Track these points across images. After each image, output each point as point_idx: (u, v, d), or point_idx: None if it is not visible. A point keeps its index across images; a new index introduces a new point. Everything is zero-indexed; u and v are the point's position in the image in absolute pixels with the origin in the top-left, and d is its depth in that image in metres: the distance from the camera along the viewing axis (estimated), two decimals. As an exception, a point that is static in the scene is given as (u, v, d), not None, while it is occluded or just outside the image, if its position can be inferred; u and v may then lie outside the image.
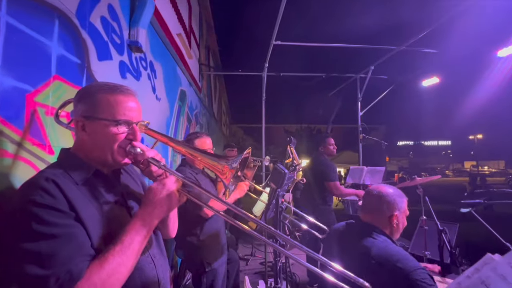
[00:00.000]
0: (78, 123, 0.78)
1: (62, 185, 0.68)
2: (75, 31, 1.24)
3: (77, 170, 0.75)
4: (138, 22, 1.85)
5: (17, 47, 0.91)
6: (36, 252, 0.59)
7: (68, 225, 0.64)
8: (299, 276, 3.31)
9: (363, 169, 3.74)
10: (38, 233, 0.60)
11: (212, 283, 1.78)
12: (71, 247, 0.62)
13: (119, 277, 0.64)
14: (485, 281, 0.51)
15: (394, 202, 1.23)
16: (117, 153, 0.78)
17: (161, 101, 2.65)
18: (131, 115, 0.79)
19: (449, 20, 3.12)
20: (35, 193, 0.64)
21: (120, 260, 0.64)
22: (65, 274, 0.59)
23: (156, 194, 0.73)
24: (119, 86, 0.81)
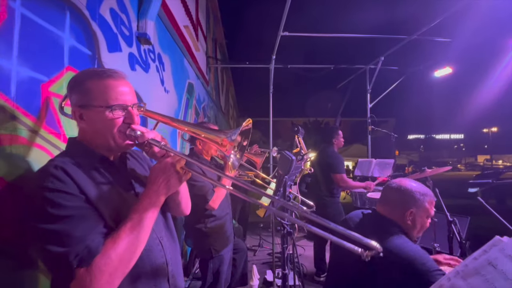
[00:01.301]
0: (75, 113, 0.80)
1: (71, 171, 0.71)
2: (85, 22, 1.27)
3: (83, 157, 0.78)
4: (146, 14, 1.86)
5: (31, 38, 0.94)
6: (54, 232, 0.63)
7: (79, 207, 0.67)
8: (306, 267, 3.35)
9: (371, 162, 3.70)
10: (53, 215, 0.64)
11: (219, 269, 1.82)
12: (85, 225, 0.66)
13: (133, 253, 0.67)
14: (492, 262, 0.51)
15: (412, 198, 1.16)
16: (118, 137, 0.79)
17: (170, 94, 2.68)
18: (124, 99, 0.79)
19: (462, 8, 3.00)
20: (46, 180, 0.67)
21: (133, 236, 0.67)
22: (83, 250, 0.62)
23: (158, 173, 0.75)
24: (107, 70, 0.81)
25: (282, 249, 1.43)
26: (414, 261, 0.98)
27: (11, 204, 0.84)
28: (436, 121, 59.33)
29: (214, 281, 1.78)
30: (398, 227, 1.14)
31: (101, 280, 0.61)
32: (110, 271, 0.63)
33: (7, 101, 0.84)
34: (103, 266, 0.62)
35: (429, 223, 1.21)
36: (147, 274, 0.78)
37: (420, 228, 1.19)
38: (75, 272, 0.61)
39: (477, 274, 0.52)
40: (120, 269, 0.65)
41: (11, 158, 0.86)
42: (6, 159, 0.83)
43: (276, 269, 3.02)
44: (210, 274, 1.75)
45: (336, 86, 6.76)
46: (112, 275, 0.63)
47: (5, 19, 0.84)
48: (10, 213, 0.84)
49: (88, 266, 0.61)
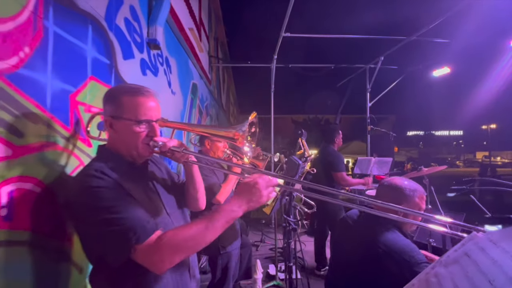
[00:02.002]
0: (106, 121, 0.91)
1: (106, 172, 0.83)
2: (104, 33, 1.36)
3: (114, 162, 0.88)
4: (156, 21, 1.94)
5: (61, 53, 1.03)
6: (110, 219, 0.74)
7: (123, 197, 0.79)
8: (307, 262, 3.47)
9: (370, 160, 3.81)
10: (104, 206, 0.75)
11: (227, 265, 1.93)
12: (135, 209, 0.78)
13: (197, 243, 0.75)
14: (468, 252, 0.61)
15: (403, 194, 1.23)
16: (141, 149, 0.91)
17: (176, 95, 2.77)
18: (151, 114, 0.90)
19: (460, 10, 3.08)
20: (89, 181, 0.79)
21: (202, 229, 0.75)
22: (140, 229, 0.74)
23: (247, 189, 0.80)
24: (141, 88, 0.92)
25: (286, 243, 1.55)
26: (404, 254, 1.08)
27: (48, 204, 0.94)
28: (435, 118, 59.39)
29: (223, 276, 1.89)
30: (391, 223, 1.23)
31: (164, 252, 0.73)
32: (174, 249, 0.74)
33: (44, 112, 0.94)
34: (170, 241, 0.73)
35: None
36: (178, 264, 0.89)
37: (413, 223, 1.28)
38: (134, 247, 0.72)
39: (456, 263, 0.62)
40: (183, 251, 0.75)
41: (48, 162, 0.96)
42: (43, 163, 0.93)
43: (279, 263, 3.14)
44: (219, 270, 1.86)
45: (336, 84, 6.83)
46: (174, 252, 0.74)
47: (42, 37, 0.93)
48: (48, 212, 0.94)
49: (145, 242, 0.73)
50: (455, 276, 0.58)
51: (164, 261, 0.73)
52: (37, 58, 0.91)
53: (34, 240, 0.88)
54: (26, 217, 0.86)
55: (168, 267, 0.74)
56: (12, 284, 0.80)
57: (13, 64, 0.81)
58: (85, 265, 1.16)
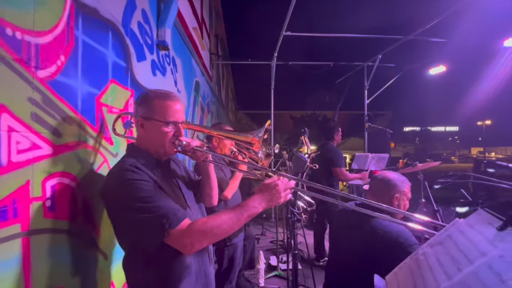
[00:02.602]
0: (138, 121, 1.01)
1: (139, 167, 0.94)
2: (121, 38, 1.44)
3: (143, 158, 0.99)
4: (165, 23, 2.03)
5: (88, 59, 1.12)
6: (146, 207, 0.85)
7: (156, 189, 0.90)
8: (307, 253, 3.62)
9: (368, 156, 3.94)
10: (140, 196, 0.86)
11: (233, 255, 2.06)
12: (166, 200, 0.89)
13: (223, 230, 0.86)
14: (450, 235, 0.73)
15: (395, 185, 1.42)
16: (168, 147, 1.02)
17: (181, 94, 2.86)
18: (177, 117, 1.01)
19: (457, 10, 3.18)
20: (126, 174, 0.90)
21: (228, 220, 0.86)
22: (172, 216, 0.84)
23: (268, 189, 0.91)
24: (170, 93, 1.04)
25: (290, 233, 1.67)
26: (400, 237, 1.23)
27: (80, 196, 1.05)
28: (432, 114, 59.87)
29: (229, 266, 2.02)
30: (385, 212, 1.36)
31: (195, 237, 0.84)
32: (204, 233, 0.85)
33: (76, 113, 1.04)
34: (201, 227, 0.84)
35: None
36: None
37: (403, 210, 1.44)
38: (167, 231, 0.83)
39: (440, 244, 0.74)
40: (211, 237, 0.87)
41: (80, 159, 1.06)
42: (77, 160, 1.04)
43: (280, 255, 3.28)
44: (226, 260, 1.99)
45: (334, 81, 6.94)
46: (204, 238, 0.85)
47: (73, 46, 1.02)
48: (80, 204, 1.05)
49: (177, 228, 0.83)
50: (438, 254, 0.70)
51: (194, 244, 0.84)
52: (70, 65, 1.00)
53: (70, 229, 0.99)
54: (65, 208, 0.96)
55: (197, 249, 0.85)
56: (54, 266, 0.91)
57: (52, 72, 0.91)
58: (109, 253, 1.27)
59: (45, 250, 0.88)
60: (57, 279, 0.92)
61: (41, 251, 0.86)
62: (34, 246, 0.83)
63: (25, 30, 0.80)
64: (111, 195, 0.92)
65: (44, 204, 0.87)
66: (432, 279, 0.64)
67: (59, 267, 0.94)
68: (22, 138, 0.78)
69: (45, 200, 0.87)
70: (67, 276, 0.98)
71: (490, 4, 3.53)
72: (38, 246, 0.84)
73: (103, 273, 1.22)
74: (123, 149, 1.46)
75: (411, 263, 0.80)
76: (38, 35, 0.85)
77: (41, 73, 0.86)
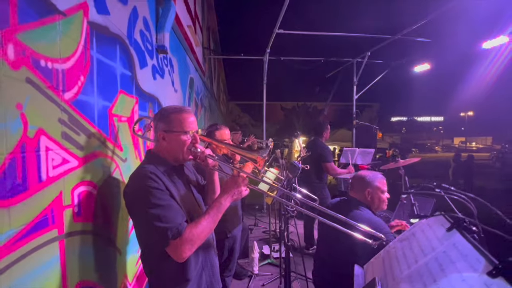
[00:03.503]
0: (159, 135, 1.14)
1: (158, 175, 1.06)
2: (127, 49, 1.53)
3: (161, 165, 1.12)
4: (164, 28, 2.10)
5: (102, 74, 1.22)
6: (157, 215, 0.98)
7: (169, 199, 1.03)
8: (298, 242, 3.87)
9: (355, 150, 4.17)
10: (156, 204, 0.99)
11: (233, 246, 2.23)
12: (174, 211, 1.01)
13: (206, 234, 1.03)
14: (414, 233, 0.92)
15: (366, 182, 1.63)
16: (186, 153, 1.15)
17: (177, 92, 2.94)
18: (192, 127, 1.15)
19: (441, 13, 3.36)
20: (147, 181, 1.02)
21: (207, 223, 1.03)
22: (176, 227, 0.98)
23: (232, 186, 1.09)
24: (183, 107, 1.17)
25: (284, 228, 1.86)
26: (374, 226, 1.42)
27: (101, 200, 1.18)
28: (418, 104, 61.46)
29: (229, 256, 2.20)
30: (363, 205, 1.62)
31: (187, 245, 0.98)
32: (192, 241, 0.99)
33: (94, 127, 1.15)
34: (189, 237, 0.99)
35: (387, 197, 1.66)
36: (205, 244, 1.16)
37: (378, 202, 1.63)
38: (169, 242, 0.97)
39: (406, 239, 0.93)
40: (198, 241, 1.01)
41: (98, 168, 1.18)
42: (95, 169, 1.16)
43: (272, 244, 3.51)
44: (226, 251, 2.16)
45: (325, 75, 7.09)
46: (193, 244, 1.00)
47: (90, 66, 1.12)
48: (99, 207, 1.18)
49: (179, 238, 0.97)
50: (404, 248, 0.89)
51: (186, 252, 0.98)
52: (88, 84, 1.10)
53: (93, 229, 1.12)
54: (89, 212, 1.09)
55: (189, 255, 1.00)
56: (82, 263, 1.05)
57: (75, 92, 1.02)
58: (123, 249, 1.42)
59: (75, 250, 1.01)
60: (85, 274, 1.06)
61: (72, 250, 0.99)
62: (67, 247, 0.96)
63: (54, 59, 0.90)
64: (132, 197, 1.05)
65: (73, 210, 1.00)
66: (398, 268, 0.82)
67: (86, 263, 1.08)
68: (55, 155, 0.90)
69: (74, 207, 1.00)
70: (92, 270, 1.12)
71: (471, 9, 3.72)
72: (70, 247, 0.98)
73: (119, 267, 1.36)
74: (131, 154, 1.58)
75: (384, 254, 0.98)
76: (64, 62, 0.95)
77: (67, 95, 0.97)
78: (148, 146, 1.79)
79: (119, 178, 1.39)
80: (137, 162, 1.67)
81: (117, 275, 1.35)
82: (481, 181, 9.71)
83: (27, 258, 0.77)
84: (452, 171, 11.14)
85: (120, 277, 1.38)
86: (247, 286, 2.79)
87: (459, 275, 0.60)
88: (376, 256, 1.04)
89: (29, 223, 0.78)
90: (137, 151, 1.68)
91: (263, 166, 1.15)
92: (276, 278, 2.86)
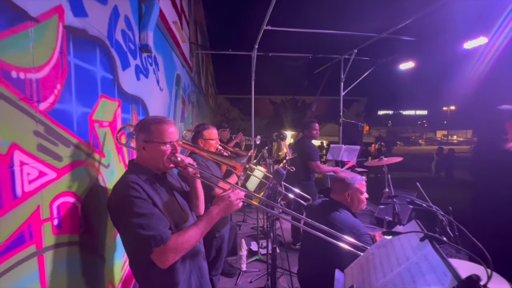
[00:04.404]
0: (140, 146, 1.14)
1: (140, 184, 1.06)
2: (108, 51, 1.48)
3: (143, 174, 1.13)
4: (147, 26, 2.03)
5: (80, 81, 1.18)
6: (140, 223, 0.98)
7: (151, 208, 1.04)
8: (285, 238, 3.95)
9: (341, 147, 4.25)
10: (137, 213, 0.99)
11: (221, 245, 2.26)
12: (157, 219, 1.02)
13: (191, 244, 1.05)
14: (391, 240, 0.96)
15: (346, 184, 1.68)
16: (166, 162, 1.16)
17: (163, 91, 2.88)
18: (172, 137, 1.16)
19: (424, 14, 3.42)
20: (129, 190, 1.03)
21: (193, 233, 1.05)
22: (160, 235, 0.99)
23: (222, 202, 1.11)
24: (164, 118, 1.19)
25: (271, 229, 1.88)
26: (353, 228, 1.52)
27: (82, 209, 1.15)
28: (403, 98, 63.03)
29: (217, 256, 2.22)
30: (343, 206, 1.68)
31: (170, 254, 1.00)
32: (177, 249, 1.01)
33: (73, 136, 1.11)
34: (174, 246, 1.00)
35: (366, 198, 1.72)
36: (193, 250, 1.17)
37: (358, 203, 1.69)
38: (153, 249, 0.98)
39: (383, 246, 0.97)
40: (182, 250, 1.03)
41: (78, 177, 1.15)
42: (75, 179, 1.13)
43: (260, 240, 3.57)
44: (214, 251, 2.18)
45: (313, 71, 7.12)
46: (177, 252, 1.01)
47: (67, 72, 1.08)
48: (81, 216, 1.15)
49: (163, 245, 0.98)
50: (381, 255, 0.93)
51: (169, 260, 1.00)
52: (65, 92, 1.06)
53: (75, 240, 1.10)
54: (69, 223, 1.07)
55: (172, 263, 1.01)
56: (64, 274, 1.03)
57: (51, 102, 0.98)
58: (108, 255, 1.40)
59: (56, 262, 0.99)
60: (68, 285, 1.05)
61: (53, 263, 0.97)
62: (47, 260, 0.94)
63: (26, 69, 0.86)
64: (115, 208, 1.05)
65: (52, 223, 0.97)
66: (374, 276, 0.86)
67: (69, 274, 1.06)
68: (31, 169, 0.87)
69: (53, 220, 0.98)
70: (76, 280, 1.11)
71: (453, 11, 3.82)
72: (50, 260, 0.96)
73: (104, 274, 1.35)
74: (114, 160, 1.55)
75: (363, 260, 1.02)
76: (37, 71, 0.91)
77: (42, 106, 0.93)
78: (132, 151, 1.75)
79: (102, 184, 1.36)
80: (121, 167, 1.64)
81: (103, 282, 1.34)
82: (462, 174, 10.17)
83: (5, 277, 0.76)
84: (435, 164, 11.62)
85: (105, 283, 1.37)
86: (235, 283, 2.83)
87: (428, 288, 0.63)
88: (356, 262, 1.07)
89: (4, 242, 0.76)
90: (121, 155, 1.65)
91: (242, 173, 1.17)
92: (263, 274, 2.92)
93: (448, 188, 7.69)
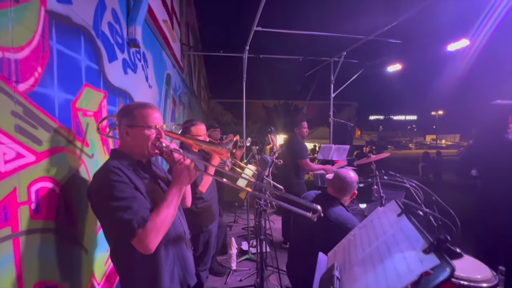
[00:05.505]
0: (123, 130, 1.12)
1: (122, 169, 1.05)
2: (93, 41, 1.47)
3: (126, 160, 1.11)
4: (135, 21, 2.03)
5: (64, 67, 1.17)
6: (121, 207, 0.96)
7: (133, 191, 1.02)
8: (276, 237, 3.93)
9: (331, 147, 4.30)
10: (119, 197, 0.97)
11: (208, 240, 2.24)
12: (138, 203, 1.00)
13: (168, 220, 1.03)
14: (371, 220, 0.97)
15: (354, 187, 1.73)
16: (151, 148, 1.14)
17: (152, 88, 2.87)
18: (157, 122, 1.15)
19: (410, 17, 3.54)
20: (110, 175, 1.01)
21: (167, 210, 1.02)
22: (140, 218, 0.97)
23: (182, 172, 1.09)
24: (147, 103, 1.17)
25: (258, 221, 1.88)
26: (347, 223, 1.52)
27: (63, 197, 1.13)
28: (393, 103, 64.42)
29: (204, 250, 2.20)
30: (338, 201, 1.69)
31: (151, 236, 0.97)
32: (156, 230, 0.98)
33: (54, 121, 1.10)
34: (152, 227, 0.98)
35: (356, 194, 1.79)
36: (175, 237, 1.16)
37: (349, 200, 1.77)
38: (135, 232, 0.95)
39: (364, 226, 0.99)
40: (162, 230, 1.01)
41: (59, 163, 1.13)
42: (56, 165, 1.11)
43: (251, 240, 3.54)
44: (201, 245, 2.16)
45: (304, 74, 7.23)
46: (157, 233, 0.99)
47: (48, 57, 1.07)
48: (61, 204, 1.13)
49: (143, 228, 0.96)
50: (362, 234, 0.94)
51: (151, 242, 0.97)
52: (46, 75, 1.05)
53: (54, 227, 1.08)
54: (48, 209, 1.05)
55: (155, 245, 0.99)
56: (42, 262, 1.01)
57: (31, 84, 0.97)
58: (90, 247, 1.37)
59: (34, 248, 0.97)
60: (45, 273, 1.02)
61: (30, 249, 0.95)
62: (24, 245, 0.92)
63: (5, 48, 0.85)
64: (95, 194, 1.02)
65: (30, 207, 0.95)
66: (354, 253, 0.87)
67: (46, 262, 1.03)
68: (8, 149, 0.86)
69: (30, 204, 0.95)
70: (53, 270, 1.08)
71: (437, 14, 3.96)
72: (28, 245, 0.93)
73: (85, 266, 1.32)
74: (99, 150, 1.53)
75: (345, 242, 1.04)
76: (17, 51, 0.90)
77: (21, 87, 0.92)
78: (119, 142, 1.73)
79: (84, 174, 1.34)
80: (106, 158, 1.61)
81: (83, 274, 1.30)
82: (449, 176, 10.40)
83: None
84: (421, 167, 11.87)
85: (86, 276, 1.34)
86: (225, 282, 2.80)
87: (401, 254, 0.65)
88: (339, 244, 1.08)
89: (-24, 220, 0.74)
90: (106, 146, 1.63)
91: (228, 158, 1.17)
92: (253, 273, 2.90)
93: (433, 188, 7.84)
